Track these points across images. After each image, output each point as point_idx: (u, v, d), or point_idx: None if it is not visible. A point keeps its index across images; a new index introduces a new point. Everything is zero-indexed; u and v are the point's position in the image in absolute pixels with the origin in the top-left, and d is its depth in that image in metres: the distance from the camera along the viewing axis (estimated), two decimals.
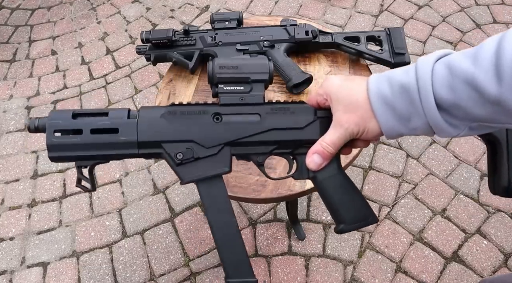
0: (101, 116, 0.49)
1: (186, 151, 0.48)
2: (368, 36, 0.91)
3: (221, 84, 0.51)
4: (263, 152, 0.51)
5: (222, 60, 0.51)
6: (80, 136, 0.47)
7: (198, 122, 0.49)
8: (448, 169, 1.47)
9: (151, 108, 0.50)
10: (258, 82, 0.51)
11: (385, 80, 0.44)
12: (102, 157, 0.49)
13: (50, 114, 0.49)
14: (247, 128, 0.50)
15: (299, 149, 0.52)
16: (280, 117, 0.51)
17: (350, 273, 1.28)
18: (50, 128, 0.47)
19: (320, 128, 0.51)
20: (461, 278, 1.25)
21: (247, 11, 2.04)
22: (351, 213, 0.51)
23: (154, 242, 1.39)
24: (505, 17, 1.88)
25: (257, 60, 0.51)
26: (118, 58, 1.94)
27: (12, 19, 2.20)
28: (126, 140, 0.48)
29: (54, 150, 0.47)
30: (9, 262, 1.39)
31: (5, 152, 1.66)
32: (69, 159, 0.48)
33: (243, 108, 0.50)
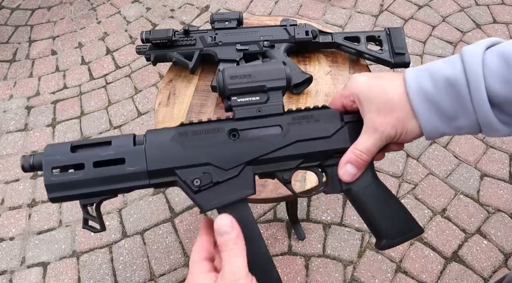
0: (103, 146, 0.43)
1: (203, 176, 0.43)
2: (368, 36, 0.91)
3: (234, 96, 0.45)
4: (288, 168, 0.46)
5: (232, 70, 0.45)
6: (82, 172, 0.42)
7: (213, 142, 0.44)
8: (448, 169, 1.47)
9: (159, 131, 0.45)
10: (275, 89, 0.45)
11: (426, 74, 0.39)
12: (109, 192, 0.43)
13: (46, 149, 0.43)
14: (269, 143, 0.44)
15: (328, 160, 0.46)
16: (304, 126, 0.45)
17: (350, 273, 1.28)
18: (47, 165, 0.42)
19: (349, 134, 0.46)
20: (461, 278, 1.25)
21: (247, 11, 2.04)
22: (393, 226, 0.46)
23: (154, 242, 1.39)
24: (505, 17, 1.89)
25: (271, 65, 0.46)
26: (118, 58, 1.94)
27: (12, 19, 2.20)
28: (135, 170, 0.42)
29: (54, 190, 0.41)
30: (9, 262, 1.39)
31: (5, 152, 1.66)
32: (72, 198, 0.42)
33: (262, 121, 0.45)
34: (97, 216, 0.44)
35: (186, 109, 0.89)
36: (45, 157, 0.42)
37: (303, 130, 0.45)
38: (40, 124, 1.74)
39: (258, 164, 0.45)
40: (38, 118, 1.76)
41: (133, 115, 1.73)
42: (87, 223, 0.45)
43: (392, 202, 0.46)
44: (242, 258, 0.38)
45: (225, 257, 0.39)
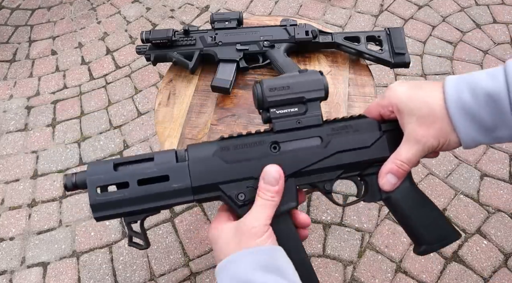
0: (146, 162, 0.43)
1: (247, 191, 0.43)
2: (368, 36, 0.91)
3: (273, 108, 0.45)
4: (329, 178, 0.46)
5: (270, 82, 0.45)
6: (127, 190, 0.42)
7: (255, 155, 0.44)
8: (448, 169, 1.46)
9: (200, 146, 0.45)
10: (313, 100, 0.45)
11: (466, 87, 0.39)
12: (153, 210, 0.43)
13: (89, 167, 0.43)
14: (310, 154, 0.45)
15: (368, 169, 0.47)
16: (344, 137, 0.45)
17: (350, 273, 1.28)
18: (92, 185, 0.41)
19: (388, 143, 0.46)
20: (461, 278, 1.25)
21: (247, 11, 2.04)
22: (432, 232, 0.46)
23: (154, 242, 1.39)
24: (505, 17, 1.88)
25: (309, 76, 0.46)
26: (118, 58, 1.94)
27: (12, 19, 2.20)
28: (180, 187, 0.42)
29: (100, 209, 0.42)
30: (9, 262, 1.39)
31: (5, 152, 1.66)
32: (117, 216, 0.43)
33: (302, 133, 0.45)
34: (142, 233, 0.45)
35: (186, 109, 0.89)
36: (89, 177, 0.42)
37: (343, 141, 0.45)
38: (40, 124, 1.74)
39: (300, 176, 0.45)
40: (38, 118, 1.76)
41: (133, 115, 1.73)
42: (132, 240, 0.45)
43: (430, 208, 0.47)
44: (270, 211, 0.41)
45: (257, 203, 0.41)
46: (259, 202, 0.41)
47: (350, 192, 1.43)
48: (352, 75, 0.91)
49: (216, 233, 0.42)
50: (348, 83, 0.90)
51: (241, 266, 0.37)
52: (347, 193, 1.43)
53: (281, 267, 0.38)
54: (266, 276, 0.37)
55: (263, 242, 0.39)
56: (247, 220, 0.40)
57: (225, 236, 0.41)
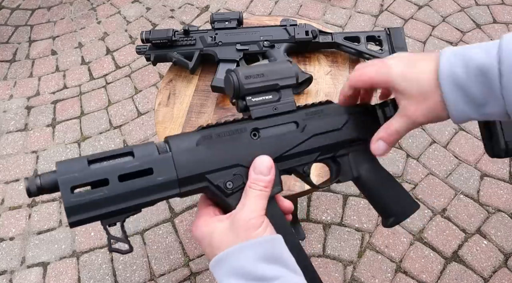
0: (124, 156, 0.39)
1: (234, 178, 0.42)
2: (368, 36, 0.91)
3: (249, 96, 0.45)
4: (308, 161, 0.48)
5: (246, 70, 0.46)
6: (107, 188, 0.37)
7: (238, 142, 0.44)
8: (448, 169, 1.47)
9: (181, 136, 0.43)
10: (286, 87, 0.47)
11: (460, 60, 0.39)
12: (135, 208, 0.39)
13: (58, 167, 0.37)
14: (289, 139, 0.46)
15: (340, 150, 0.50)
16: (317, 121, 0.48)
17: (350, 273, 1.28)
18: (65, 185, 0.36)
19: (356, 125, 0.49)
20: (461, 278, 1.25)
21: (247, 11, 2.04)
22: (397, 205, 0.51)
23: (154, 242, 1.39)
24: (505, 17, 1.89)
25: (281, 64, 0.48)
26: (118, 58, 1.94)
27: (12, 19, 2.20)
28: (165, 179, 0.39)
29: (76, 212, 0.36)
30: (9, 262, 1.39)
31: (5, 152, 1.66)
32: (96, 219, 0.38)
33: (279, 119, 0.46)
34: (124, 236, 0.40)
35: (186, 109, 0.89)
36: (60, 177, 0.37)
37: (317, 125, 0.47)
38: (40, 124, 1.74)
39: (282, 160, 0.46)
40: (38, 118, 1.76)
41: (133, 115, 1.73)
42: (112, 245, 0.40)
43: (394, 184, 0.51)
44: (264, 201, 0.41)
45: (250, 195, 0.41)
46: (252, 193, 0.41)
47: (350, 192, 1.43)
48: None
49: (207, 230, 0.41)
50: None
51: (241, 259, 0.37)
52: (347, 193, 1.43)
53: (283, 257, 0.38)
54: (270, 267, 0.37)
55: (262, 232, 0.39)
56: (243, 213, 0.39)
57: (220, 231, 0.40)
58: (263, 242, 0.38)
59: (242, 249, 0.37)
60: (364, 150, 0.49)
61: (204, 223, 0.41)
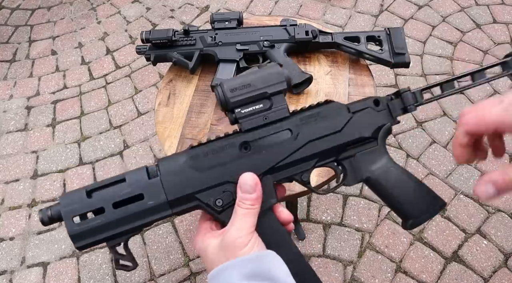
0: (118, 184, 0.43)
1: (224, 195, 0.43)
2: (368, 36, 0.91)
3: (238, 108, 0.44)
4: (305, 169, 0.46)
5: (230, 82, 0.45)
6: (103, 215, 0.41)
7: (226, 159, 0.44)
8: (448, 169, 1.47)
9: (171, 159, 0.44)
10: (277, 93, 0.45)
11: None
12: (134, 230, 0.42)
13: (61, 200, 0.42)
14: (282, 149, 0.44)
15: (343, 153, 0.47)
16: (313, 125, 0.45)
17: (350, 273, 1.28)
18: (67, 216, 0.41)
19: (361, 123, 0.46)
20: (461, 278, 1.25)
21: (247, 11, 2.04)
22: (416, 205, 0.47)
23: (154, 242, 1.39)
24: (505, 17, 1.88)
25: (269, 70, 0.45)
26: (118, 58, 1.94)
27: (12, 19, 2.20)
28: (156, 203, 0.42)
29: (80, 239, 0.41)
30: (9, 262, 1.39)
31: (5, 152, 1.66)
32: (99, 242, 0.42)
33: (271, 128, 0.45)
34: (127, 254, 0.44)
35: (186, 109, 0.89)
36: (63, 208, 0.41)
37: (313, 129, 0.45)
38: (40, 124, 1.74)
39: (275, 171, 0.45)
40: (38, 118, 1.76)
41: (133, 115, 1.73)
42: (119, 263, 0.44)
43: (411, 182, 0.47)
44: (252, 219, 0.41)
45: (237, 213, 0.41)
46: (239, 212, 0.41)
47: (350, 192, 1.43)
48: (352, 75, 0.91)
49: (203, 247, 0.42)
50: (348, 83, 0.90)
51: (227, 277, 0.38)
52: (347, 193, 1.43)
53: (269, 272, 0.38)
54: None
55: (249, 251, 0.39)
56: (230, 233, 0.40)
57: (212, 251, 0.41)
58: (248, 260, 0.38)
59: (228, 268, 0.38)
60: (373, 149, 0.47)
61: (201, 238, 0.43)
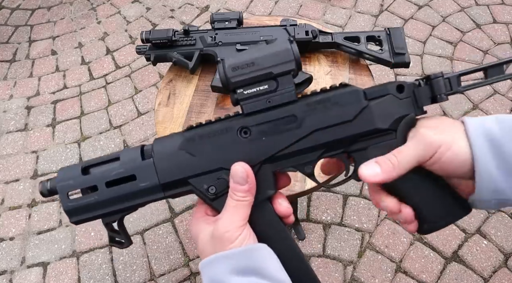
0: (112, 162, 0.42)
1: (218, 183, 0.41)
2: (368, 36, 0.91)
3: (240, 89, 0.40)
4: (310, 160, 0.42)
5: (233, 60, 0.40)
6: (96, 194, 0.41)
7: (223, 143, 0.41)
8: None
9: (166, 139, 0.42)
10: (284, 74, 0.40)
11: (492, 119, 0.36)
12: (127, 209, 0.42)
13: (58, 173, 0.42)
14: (284, 136, 0.40)
15: (354, 144, 0.41)
16: (321, 112, 0.40)
17: (350, 273, 1.28)
18: (63, 191, 0.41)
19: (377, 113, 0.40)
20: (461, 278, 1.25)
21: (247, 11, 2.04)
22: (434, 209, 0.41)
23: (154, 242, 1.39)
24: (505, 17, 1.88)
25: (276, 47, 0.40)
26: (118, 58, 1.94)
27: (12, 19, 2.20)
28: (147, 186, 0.41)
29: (74, 214, 0.41)
30: (9, 262, 1.39)
31: (5, 152, 1.66)
32: (93, 219, 0.42)
33: (274, 113, 0.41)
34: (122, 232, 0.44)
35: (186, 109, 0.89)
36: (58, 183, 0.41)
37: (320, 117, 0.40)
38: (40, 124, 1.74)
39: (275, 161, 0.41)
40: (38, 118, 1.76)
41: (133, 115, 1.73)
42: (113, 240, 0.44)
43: (430, 183, 0.41)
44: (244, 210, 0.39)
45: (229, 204, 0.39)
46: (230, 203, 0.39)
47: (350, 192, 1.43)
48: (352, 75, 0.91)
49: (195, 232, 0.41)
50: None
51: (216, 270, 0.37)
52: (347, 193, 1.43)
53: (259, 267, 0.37)
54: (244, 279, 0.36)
55: (238, 244, 0.38)
56: (220, 224, 0.38)
57: (203, 238, 0.40)
58: (236, 254, 0.37)
59: (216, 261, 0.38)
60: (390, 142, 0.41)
61: (195, 222, 0.42)
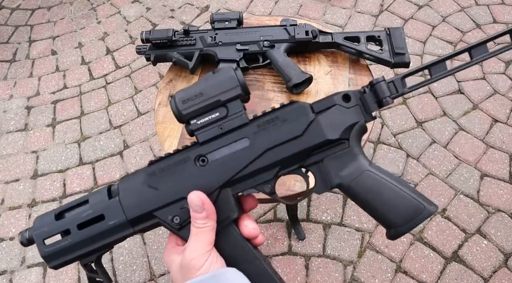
0: (82, 205, 0.44)
1: (181, 212, 0.42)
2: (368, 36, 0.91)
3: (193, 120, 0.42)
4: (267, 179, 0.42)
5: (182, 93, 0.42)
6: (70, 237, 0.43)
7: (182, 174, 0.42)
8: (448, 169, 1.46)
9: (130, 177, 0.44)
10: (232, 100, 0.42)
11: None
12: (102, 248, 0.43)
13: (34, 223, 0.45)
14: (238, 159, 0.42)
15: (309, 158, 0.43)
16: (271, 131, 0.42)
17: (350, 273, 1.28)
18: (38, 239, 0.44)
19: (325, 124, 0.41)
20: (461, 278, 1.25)
21: (247, 11, 2.04)
22: (399, 213, 0.41)
23: (154, 242, 1.39)
24: (505, 17, 1.88)
25: (221, 75, 0.42)
26: (118, 58, 1.94)
27: (12, 19, 2.20)
28: (116, 223, 0.42)
29: (52, 259, 0.44)
30: (9, 262, 1.39)
31: (5, 152, 1.66)
32: (71, 261, 0.44)
33: (227, 138, 0.42)
34: (100, 271, 0.45)
35: None
36: (34, 232, 0.44)
37: (270, 136, 0.42)
38: (40, 124, 1.74)
39: (233, 184, 0.42)
40: (38, 118, 1.76)
41: (133, 115, 1.73)
42: (93, 281, 0.46)
43: (392, 186, 0.42)
44: (207, 237, 0.40)
45: (192, 233, 0.41)
46: (193, 231, 0.40)
47: None
48: (352, 75, 0.91)
49: (168, 262, 0.43)
50: (348, 83, 0.90)
51: None
52: None
53: None
54: None
55: (205, 271, 0.38)
56: (186, 253, 0.39)
57: (174, 268, 0.41)
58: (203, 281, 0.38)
59: None
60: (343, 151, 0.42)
61: (167, 253, 0.43)
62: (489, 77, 1.68)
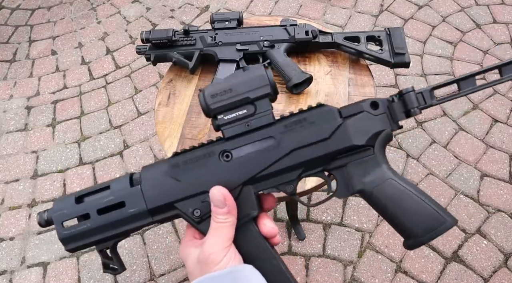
0: (103, 191, 0.44)
1: (202, 206, 0.42)
2: (368, 36, 0.91)
3: (220, 115, 0.42)
4: (290, 179, 0.43)
5: (211, 88, 0.43)
6: (89, 221, 0.43)
7: (206, 168, 0.43)
8: (448, 169, 1.46)
9: (153, 167, 0.45)
10: (260, 98, 0.42)
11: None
12: (119, 235, 0.44)
13: (54, 204, 0.45)
14: (263, 158, 0.42)
15: (333, 162, 0.43)
16: (298, 132, 0.42)
17: (350, 273, 1.28)
18: (58, 221, 0.43)
19: (353, 130, 0.42)
20: (461, 278, 1.25)
21: (247, 11, 2.04)
22: (418, 223, 0.41)
23: (154, 242, 1.39)
24: (505, 17, 1.88)
25: (251, 73, 0.43)
26: (118, 58, 1.94)
27: (12, 19, 2.20)
28: (136, 211, 0.43)
29: (69, 242, 0.44)
30: (9, 262, 1.39)
31: (5, 152, 1.66)
32: (87, 246, 0.45)
33: (253, 136, 0.42)
34: (115, 258, 0.45)
35: (186, 109, 0.89)
36: (54, 214, 0.44)
37: (297, 137, 0.42)
38: (40, 124, 1.74)
39: (256, 182, 0.43)
40: (38, 118, 1.76)
41: (133, 115, 1.73)
42: (107, 267, 0.46)
43: (414, 197, 0.42)
44: (227, 232, 0.40)
45: (211, 227, 0.41)
46: (213, 225, 0.41)
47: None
48: (352, 75, 0.91)
49: (184, 255, 0.43)
50: (348, 83, 0.90)
51: None
52: None
53: None
54: None
55: (224, 266, 0.38)
56: (205, 247, 0.39)
57: (190, 262, 0.41)
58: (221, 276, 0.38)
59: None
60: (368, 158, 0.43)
61: (184, 245, 0.43)
62: (489, 77, 1.68)
